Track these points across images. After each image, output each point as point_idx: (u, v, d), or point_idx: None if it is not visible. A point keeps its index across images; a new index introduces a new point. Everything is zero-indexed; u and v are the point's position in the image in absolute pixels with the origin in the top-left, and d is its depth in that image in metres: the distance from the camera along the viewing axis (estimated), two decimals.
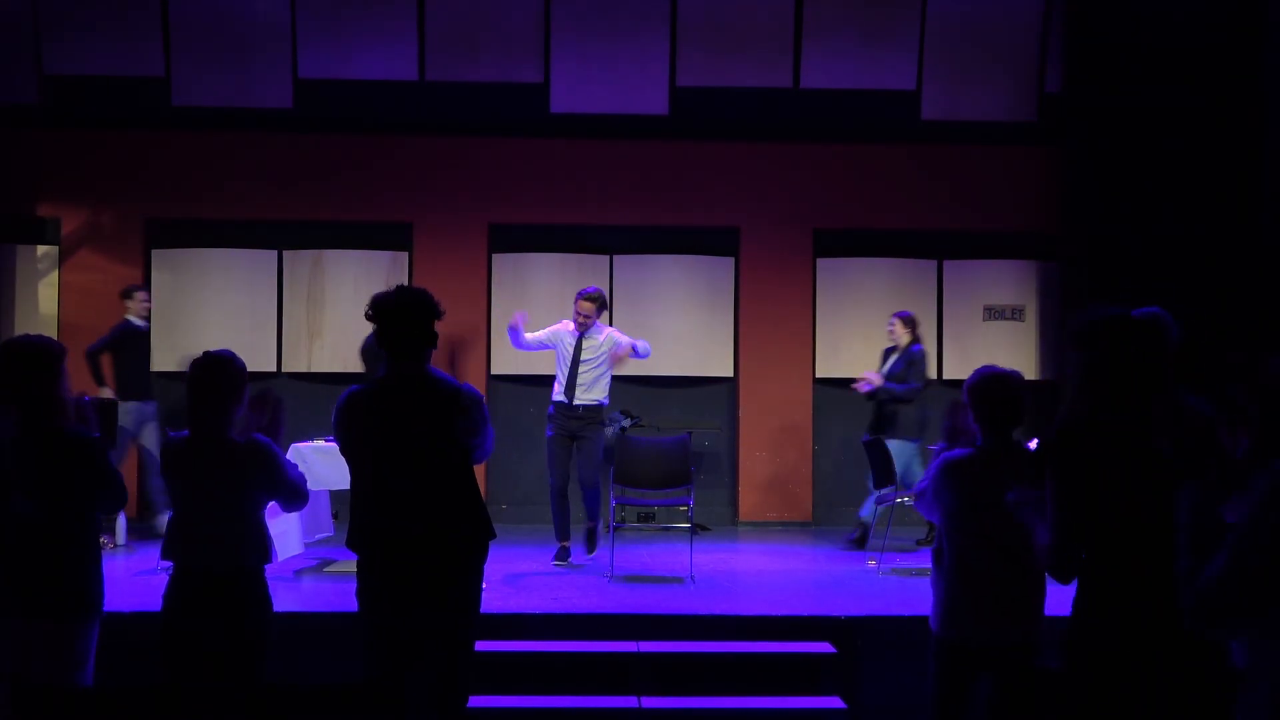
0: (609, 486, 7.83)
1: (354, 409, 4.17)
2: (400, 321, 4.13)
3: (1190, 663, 2.90)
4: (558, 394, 7.89)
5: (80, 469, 3.91)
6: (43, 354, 3.96)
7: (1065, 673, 3.13)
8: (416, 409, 4.10)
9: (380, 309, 4.16)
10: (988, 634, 4.11)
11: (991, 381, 4.18)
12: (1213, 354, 5.56)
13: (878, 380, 8.72)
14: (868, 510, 8.77)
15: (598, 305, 7.94)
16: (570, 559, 7.84)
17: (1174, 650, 2.95)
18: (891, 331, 8.95)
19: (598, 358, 7.87)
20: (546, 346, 8.02)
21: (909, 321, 8.93)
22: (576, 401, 7.81)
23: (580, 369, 7.83)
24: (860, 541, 8.72)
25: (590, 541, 7.99)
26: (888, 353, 9.02)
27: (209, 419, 4.03)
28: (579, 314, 7.89)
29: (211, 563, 4.01)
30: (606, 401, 7.98)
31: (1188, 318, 4.14)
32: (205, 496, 4.03)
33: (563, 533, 7.92)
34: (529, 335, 7.97)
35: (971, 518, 4.14)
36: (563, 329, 7.99)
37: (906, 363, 8.76)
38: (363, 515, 4.19)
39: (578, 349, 7.88)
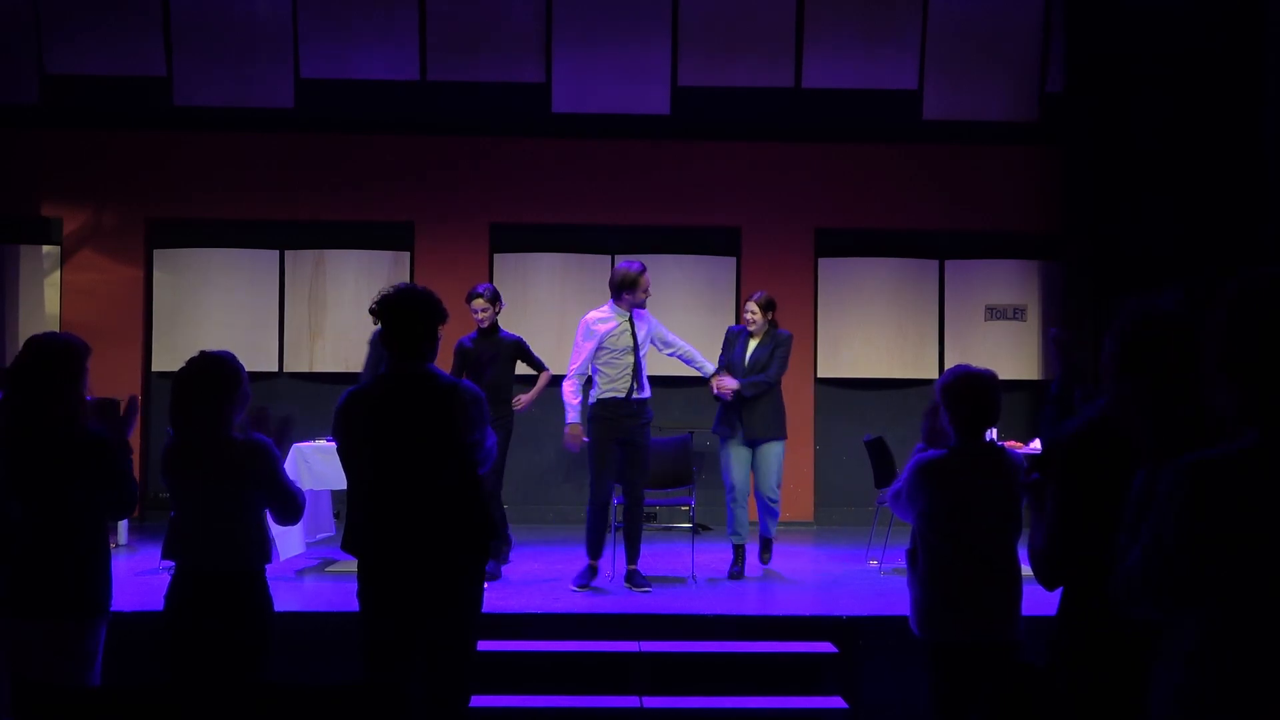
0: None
1: (355, 409, 4.17)
2: (405, 320, 4.14)
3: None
4: (611, 391, 6.95)
5: (95, 469, 3.92)
6: (68, 352, 3.96)
7: (1055, 673, 3.13)
8: (417, 407, 4.10)
9: (386, 306, 4.17)
10: (965, 634, 4.10)
11: (965, 381, 4.15)
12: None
13: (732, 384, 7.46)
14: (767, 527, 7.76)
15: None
16: (616, 581, 7.03)
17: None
18: (751, 317, 7.61)
19: (645, 343, 7.10)
20: (593, 354, 7.08)
21: (769, 304, 7.68)
22: (635, 396, 6.97)
23: (640, 356, 7.01)
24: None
25: (634, 582, 7.00)
26: (739, 338, 7.69)
27: (207, 418, 4.03)
28: (645, 291, 7.04)
29: (212, 563, 4.01)
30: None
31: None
32: (205, 496, 4.03)
33: (597, 550, 7.05)
34: (578, 373, 7.10)
35: (946, 519, 4.12)
36: (602, 326, 7.02)
37: (773, 347, 7.59)
38: (363, 516, 4.18)
39: (634, 333, 7.02)
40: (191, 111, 10.34)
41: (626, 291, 7.00)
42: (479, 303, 7.73)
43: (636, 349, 6.97)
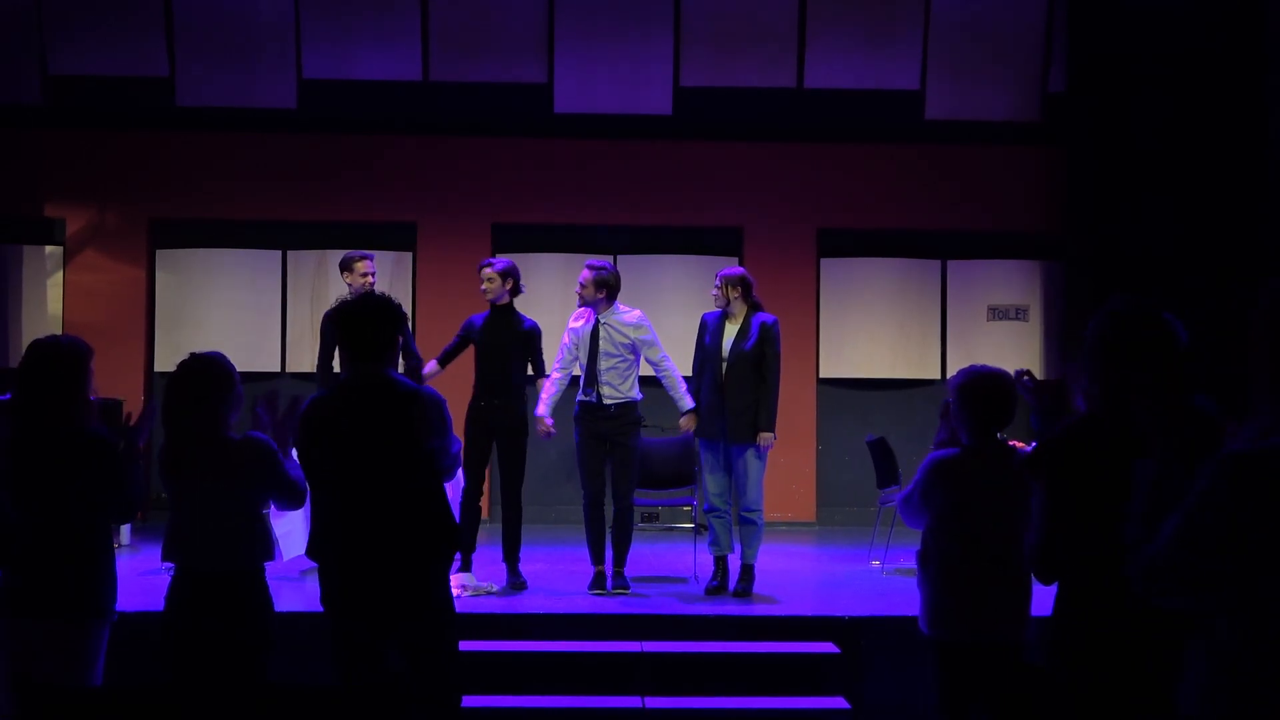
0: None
1: (314, 417, 4.16)
2: (363, 326, 4.12)
3: (1175, 663, 2.92)
4: (583, 395, 6.86)
5: (98, 471, 3.93)
6: (71, 355, 3.98)
7: (1051, 671, 3.15)
8: (376, 414, 4.08)
9: (344, 314, 4.16)
10: (975, 634, 4.11)
11: (981, 381, 4.15)
12: (1216, 354, 5.56)
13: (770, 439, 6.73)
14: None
15: (597, 281, 6.85)
16: (609, 587, 6.83)
17: (1159, 651, 2.96)
18: (717, 294, 6.87)
19: (620, 349, 6.81)
20: (572, 353, 7.00)
21: (739, 282, 6.85)
22: (606, 400, 6.78)
23: (601, 361, 6.78)
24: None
25: (620, 585, 6.84)
26: (715, 322, 6.91)
27: (201, 420, 4.04)
28: (580, 287, 6.91)
29: (210, 563, 4.02)
30: (640, 397, 6.93)
31: (1191, 318, 4.14)
32: (202, 497, 4.04)
33: (599, 555, 6.88)
34: (559, 375, 7.01)
35: (959, 518, 4.12)
36: (576, 324, 6.98)
37: (760, 341, 6.74)
38: (324, 524, 4.17)
39: (595, 335, 6.84)
40: (194, 112, 10.35)
41: (577, 289, 6.98)
42: (487, 272, 7.04)
43: (595, 354, 6.79)
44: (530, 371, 7.11)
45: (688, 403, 6.92)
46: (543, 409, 6.98)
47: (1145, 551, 2.46)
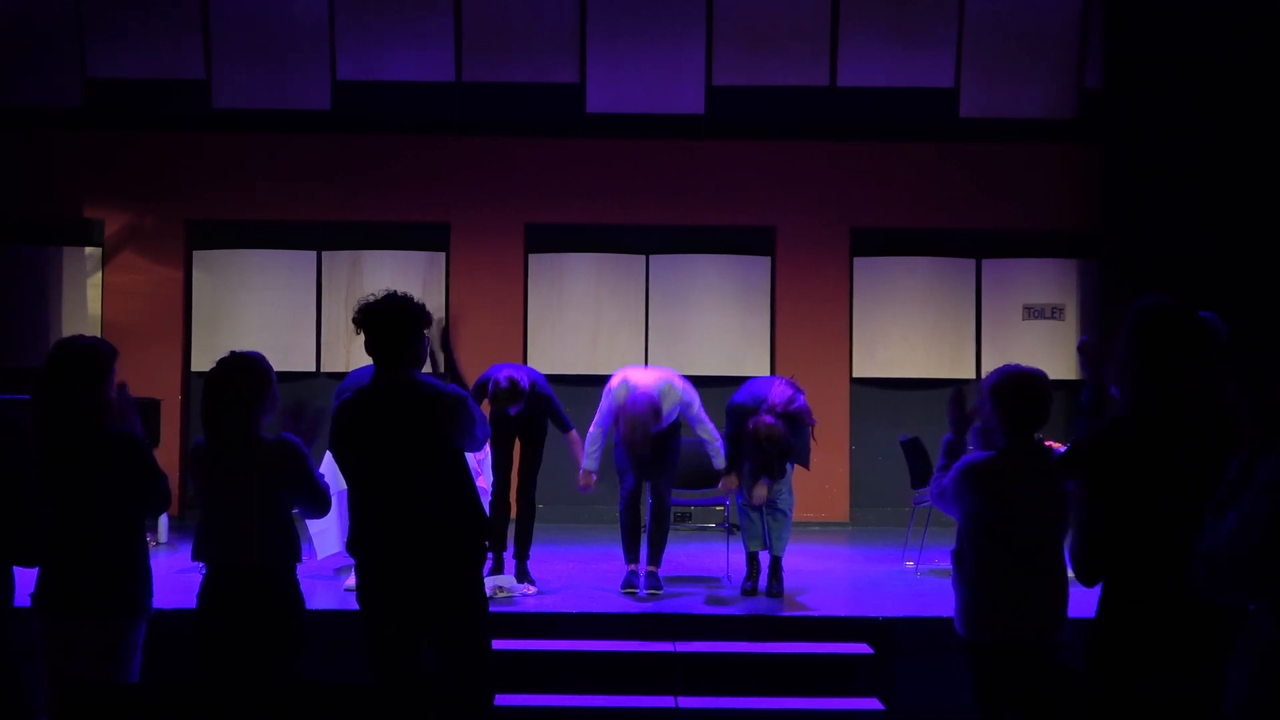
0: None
1: (342, 420, 4.19)
2: (387, 328, 4.12)
3: (1215, 666, 2.90)
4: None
5: (126, 467, 3.96)
6: (95, 356, 4.01)
7: (1090, 673, 3.12)
8: (400, 416, 4.09)
9: (368, 315, 4.17)
10: (1010, 635, 4.07)
11: (1016, 381, 4.09)
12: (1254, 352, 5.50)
13: (761, 495, 6.75)
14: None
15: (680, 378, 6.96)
16: (640, 589, 6.75)
17: (1199, 653, 2.93)
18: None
19: (672, 407, 6.85)
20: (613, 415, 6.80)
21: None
22: (654, 429, 6.74)
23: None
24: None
25: (653, 584, 6.81)
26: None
27: (237, 418, 4.07)
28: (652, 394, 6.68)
29: (241, 560, 4.05)
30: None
31: (1228, 317, 4.10)
32: (234, 495, 4.07)
33: (633, 554, 6.83)
34: (598, 441, 6.89)
35: (992, 520, 4.08)
36: (615, 387, 6.80)
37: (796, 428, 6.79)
38: (358, 522, 4.20)
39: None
40: (230, 113, 10.43)
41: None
42: (503, 395, 6.57)
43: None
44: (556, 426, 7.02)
45: (720, 462, 6.92)
46: (590, 462, 6.91)
47: (1204, 548, 2.46)
